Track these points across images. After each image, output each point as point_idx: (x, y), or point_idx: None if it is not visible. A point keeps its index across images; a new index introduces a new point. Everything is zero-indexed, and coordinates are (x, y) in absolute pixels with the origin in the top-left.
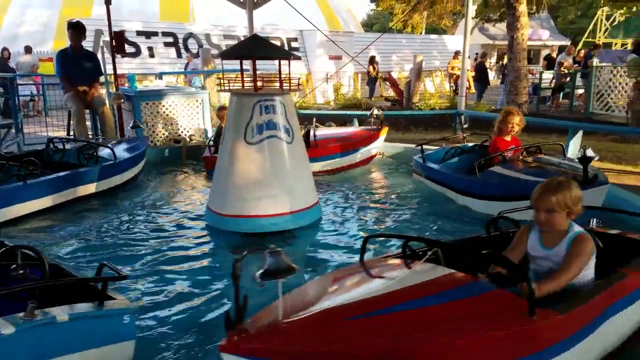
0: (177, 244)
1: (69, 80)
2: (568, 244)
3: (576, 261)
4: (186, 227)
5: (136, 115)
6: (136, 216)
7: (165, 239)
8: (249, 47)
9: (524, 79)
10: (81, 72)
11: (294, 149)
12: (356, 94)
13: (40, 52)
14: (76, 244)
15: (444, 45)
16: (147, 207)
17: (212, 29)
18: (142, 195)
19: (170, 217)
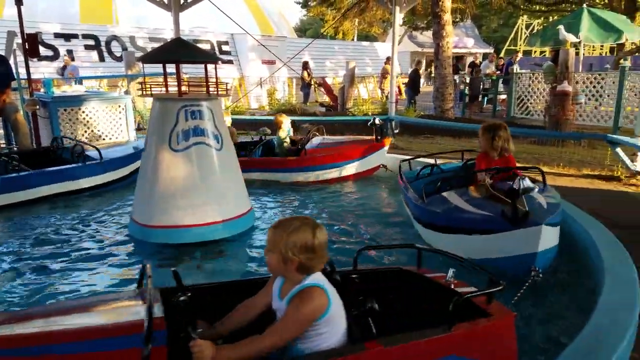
0: (97, 258)
1: None
2: (288, 300)
3: (286, 322)
4: (109, 240)
5: (53, 123)
6: (55, 227)
7: (85, 253)
8: (172, 50)
9: (450, 85)
10: None
11: (223, 156)
12: (290, 99)
13: None
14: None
15: (375, 52)
16: (67, 217)
17: (137, 31)
18: (66, 205)
19: (90, 229)
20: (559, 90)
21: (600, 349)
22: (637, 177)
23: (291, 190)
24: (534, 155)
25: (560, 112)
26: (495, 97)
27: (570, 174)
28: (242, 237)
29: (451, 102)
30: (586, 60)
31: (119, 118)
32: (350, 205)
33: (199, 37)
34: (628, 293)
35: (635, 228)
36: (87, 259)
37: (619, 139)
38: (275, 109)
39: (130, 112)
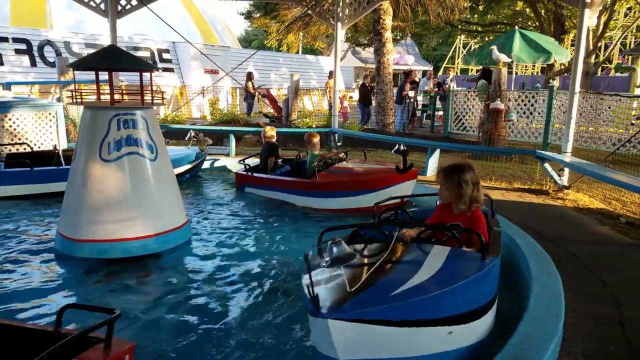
0: (22, 279)
1: None
2: None
3: None
4: (33, 255)
5: None
6: None
7: (8, 270)
8: (105, 57)
9: (391, 101)
10: None
11: (158, 167)
12: (234, 110)
13: None
14: None
15: (320, 66)
16: None
17: (73, 36)
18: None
19: (14, 244)
20: (492, 108)
21: (527, 357)
22: (564, 192)
23: (230, 202)
24: None
25: (493, 128)
26: (433, 113)
27: (502, 188)
28: (176, 251)
29: (392, 116)
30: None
31: (49, 126)
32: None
33: (139, 44)
34: (554, 304)
35: (561, 240)
36: (7, 272)
37: (547, 155)
38: (217, 118)
39: (62, 121)
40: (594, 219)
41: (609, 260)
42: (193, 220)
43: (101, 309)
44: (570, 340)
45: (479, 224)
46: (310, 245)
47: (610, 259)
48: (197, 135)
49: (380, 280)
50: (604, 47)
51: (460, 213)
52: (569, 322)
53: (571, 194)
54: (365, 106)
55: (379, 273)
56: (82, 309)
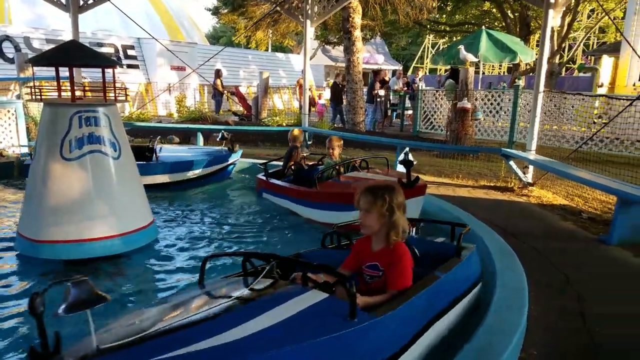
0: None
1: None
2: None
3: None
4: None
5: None
6: None
7: None
8: (65, 52)
9: (361, 100)
10: None
11: (122, 165)
12: (201, 107)
13: None
14: None
15: (290, 64)
16: None
17: (33, 31)
18: None
19: None
20: (459, 107)
21: (491, 350)
22: (528, 188)
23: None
24: (436, 167)
25: (460, 127)
26: (402, 112)
27: (468, 185)
28: (145, 251)
29: (362, 115)
30: (486, 78)
31: (8, 124)
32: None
33: (103, 40)
34: (518, 297)
35: (525, 236)
36: None
37: (512, 153)
38: (184, 116)
39: (22, 118)
40: (557, 214)
41: (573, 256)
42: (173, 222)
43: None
44: (534, 333)
45: (401, 262)
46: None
47: (574, 254)
48: (228, 136)
49: (182, 331)
50: (567, 48)
51: (381, 249)
52: (533, 315)
53: (535, 191)
54: (336, 105)
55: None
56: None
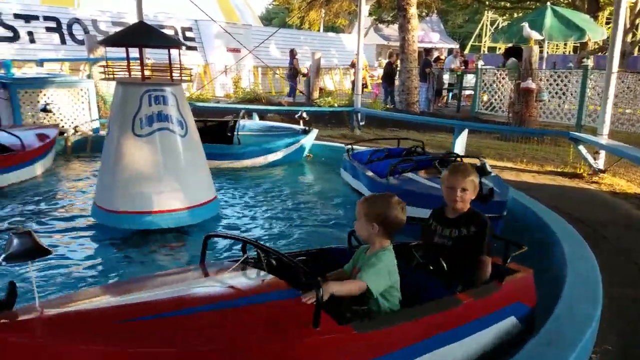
0: (61, 244)
1: None
2: None
3: None
4: (71, 225)
5: (13, 104)
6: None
7: (49, 239)
8: (135, 34)
9: (415, 79)
10: None
11: (188, 143)
12: (256, 88)
13: None
14: None
15: (342, 44)
16: (30, 204)
17: (100, 14)
18: (27, 193)
19: (54, 214)
20: (523, 87)
21: (564, 342)
22: (599, 175)
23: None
24: (497, 150)
25: (524, 108)
26: (459, 92)
27: (533, 170)
28: (207, 225)
29: (416, 95)
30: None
31: (81, 102)
32: (304, 192)
33: (163, 22)
34: (591, 288)
35: (596, 224)
36: (48, 242)
37: (582, 137)
38: (240, 97)
39: (93, 97)
40: (632, 203)
41: None
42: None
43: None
44: (608, 325)
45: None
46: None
47: None
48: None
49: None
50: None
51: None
52: (605, 306)
53: (607, 178)
54: (388, 85)
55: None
56: None
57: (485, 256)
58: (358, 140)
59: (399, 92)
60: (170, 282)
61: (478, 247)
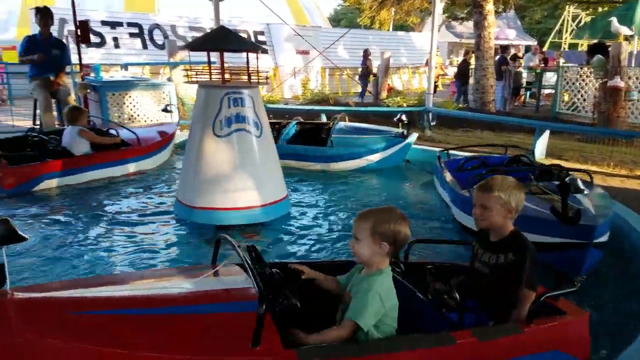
0: (145, 237)
1: (32, 65)
2: None
3: None
4: (155, 219)
5: (102, 106)
6: (116, 201)
7: (133, 231)
8: (217, 38)
9: (491, 77)
10: (50, 60)
11: (263, 143)
12: (324, 89)
13: (4, 41)
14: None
15: (412, 43)
16: (129, 194)
17: (178, 20)
18: (132, 184)
19: (139, 209)
20: (610, 86)
21: None
22: None
23: (322, 179)
24: (581, 152)
25: (612, 108)
26: (538, 91)
27: (621, 175)
28: (278, 222)
29: (492, 94)
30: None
31: (163, 104)
32: (380, 197)
33: (237, 26)
34: None
35: None
36: (132, 234)
37: None
38: (308, 99)
39: (174, 99)
40: None
41: None
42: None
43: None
44: None
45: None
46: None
47: None
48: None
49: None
50: None
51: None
52: None
53: None
54: (462, 84)
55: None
56: None
57: (526, 290)
58: (462, 146)
59: (473, 91)
60: (151, 279)
61: (517, 278)
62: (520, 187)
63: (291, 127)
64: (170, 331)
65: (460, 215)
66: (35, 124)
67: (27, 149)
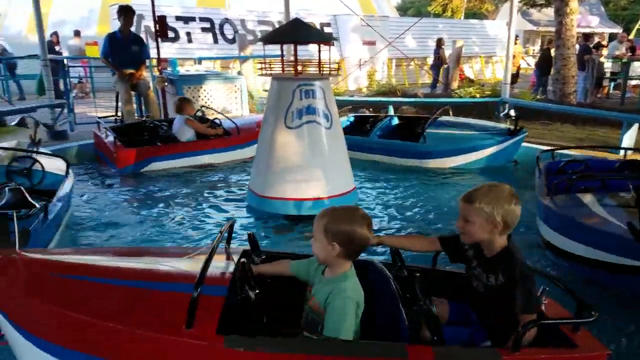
0: (218, 221)
1: (112, 62)
2: None
3: None
4: (231, 205)
5: None
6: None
7: (208, 214)
8: (291, 31)
9: (573, 67)
10: (129, 56)
11: (332, 135)
12: (390, 80)
13: (85, 37)
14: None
15: (484, 31)
16: (221, 179)
17: (247, 14)
18: (227, 171)
19: (222, 195)
20: None
21: None
22: None
23: (395, 173)
24: None
25: None
26: (624, 82)
27: None
28: None
29: (573, 85)
30: None
31: (234, 97)
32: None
33: (304, 19)
34: None
35: None
36: (206, 216)
37: None
38: (375, 90)
39: (245, 92)
40: None
41: None
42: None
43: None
44: None
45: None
46: None
47: None
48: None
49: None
50: None
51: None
52: None
53: None
54: (543, 74)
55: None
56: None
57: (523, 315)
58: (569, 147)
59: (552, 81)
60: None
61: (510, 302)
62: (512, 199)
63: (386, 121)
64: (119, 301)
65: (544, 229)
66: (117, 115)
67: (143, 135)
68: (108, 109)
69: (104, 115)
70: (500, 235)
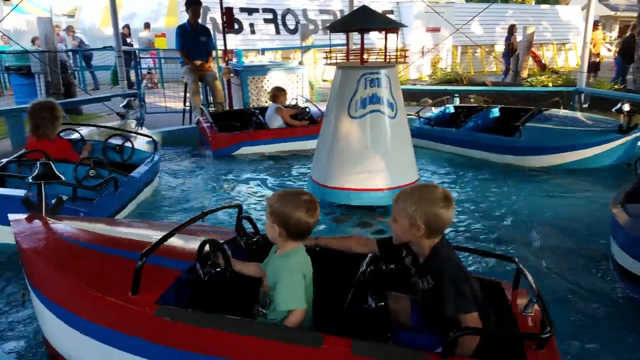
0: None
1: (187, 54)
2: None
3: None
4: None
5: (244, 89)
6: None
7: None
8: (359, 18)
9: None
10: (198, 47)
11: (396, 125)
12: (456, 68)
13: (154, 29)
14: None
15: (557, 16)
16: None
17: (309, 4)
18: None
19: (277, 181)
20: None
21: None
22: None
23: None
24: None
25: None
26: None
27: None
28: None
29: None
30: None
31: (296, 87)
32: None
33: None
34: None
35: None
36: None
37: None
38: (439, 78)
39: (306, 82)
40: None
41: None
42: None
43: None
44: None
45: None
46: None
47: None
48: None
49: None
50: None
51: None
52: None
53: None
54: (626, 62)
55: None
56: None
57: (459, 315)
58: None
59: (633, 70)
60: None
61: (440, 306)
62: (440, 202)
63: (485, 112)
64: (105, 268)
65: (614, 248)
66: (185, 105)
67: (238, 121)
68: (175, 99)
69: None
70: (429, 238)
